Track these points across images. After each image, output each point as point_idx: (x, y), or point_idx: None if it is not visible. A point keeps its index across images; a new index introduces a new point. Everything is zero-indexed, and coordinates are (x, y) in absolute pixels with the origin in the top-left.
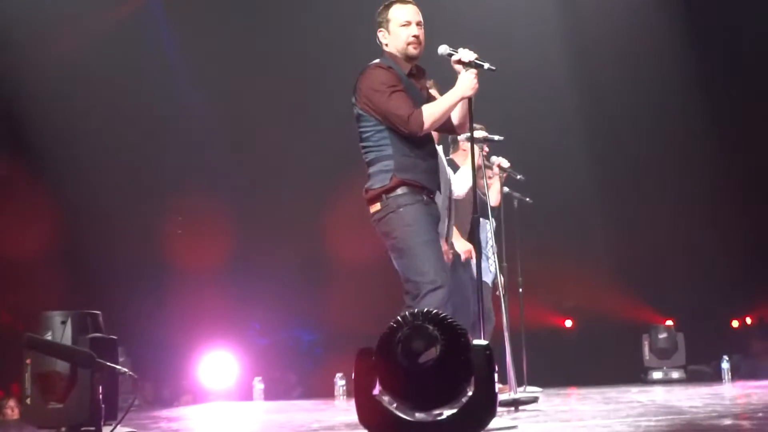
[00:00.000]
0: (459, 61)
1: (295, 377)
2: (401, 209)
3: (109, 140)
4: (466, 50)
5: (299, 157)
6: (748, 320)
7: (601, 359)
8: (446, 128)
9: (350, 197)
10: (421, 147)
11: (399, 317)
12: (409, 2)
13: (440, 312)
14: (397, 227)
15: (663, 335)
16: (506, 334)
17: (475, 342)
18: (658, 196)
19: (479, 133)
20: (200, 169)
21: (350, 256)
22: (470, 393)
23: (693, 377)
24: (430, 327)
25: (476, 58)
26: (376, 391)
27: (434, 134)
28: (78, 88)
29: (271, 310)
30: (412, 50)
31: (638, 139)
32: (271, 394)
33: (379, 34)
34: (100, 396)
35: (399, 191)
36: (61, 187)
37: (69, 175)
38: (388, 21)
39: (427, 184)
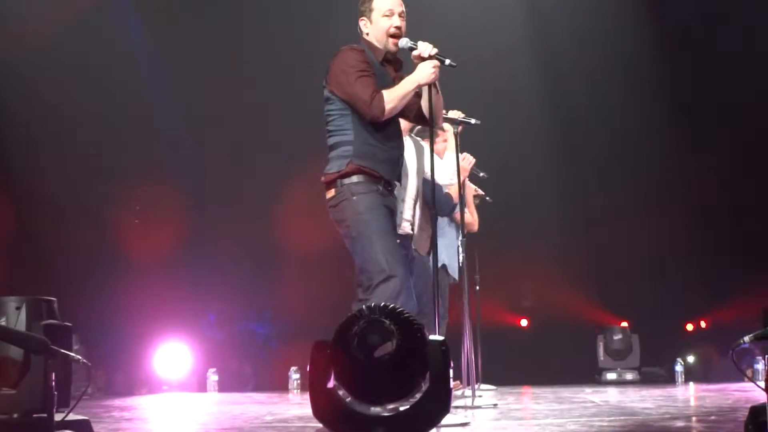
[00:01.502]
0: (419, 57)
1: (250, 370)
2: (355, 197)
3: (66, 124)
4: (427, 44)
5: (254, 146)
6: (703, 324)
7: (555, 359)
8: (419, 118)
9: (305, 187)
10: (384, 136)
11: (356, 310)
12: None
13: (397, 306)
14: (350, 215)
15: (618, 336)
16: (466, 331)
17: (432, 337)
18: (616, 197)
19: (455, 114)
20: (156, 158)
21: (306, 247)
22: (425, 388)
23: (647, 379)
24: (387, 321)
25: (437, 54)
26: (331, 383)
27: (406, 124)
28: (34, 69)
29: (227, 301)
30: (392, 44)
31: (597, 138)
32: (225, 386)
33: (360, 23)
34: (53, 383)
35: (354, 178)
36: (16, 171)
37: (24, 158)
38: (371, 10)
39: (385, 174)
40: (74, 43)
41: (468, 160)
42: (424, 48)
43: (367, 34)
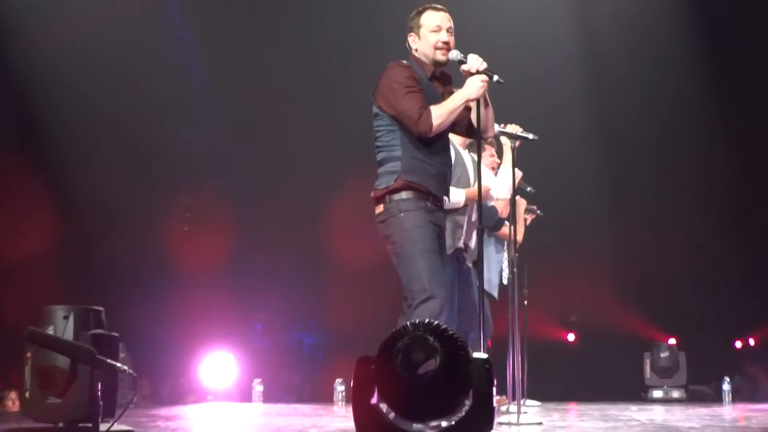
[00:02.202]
0: (468, 71)
1: (296, 380)
2: (402, 214)
3: (114, 135)
4: (477, 57)
5: (306, 157)
6: (751, 341)
7: (602, 375)
8: (469, 131)
9: (355, 200)
10: (432, 152)
11: (400, 327)
12: (441, 9)
13: (441, 324)
14: (396, 232)
15: (665, 354)
16: (511, 347)
17: (475, 355)
18: (666, 215)
19: (513, 128)
20: (206, 167)
21: (355, 259)
22: (468, 406)
23: (693, 397)
24: (431, 338)
25: (485, 69)
26: (375, 399)
27: (458, 138)
28: (86, 81)
29: (274, 311)
30: (440, 56)
31: (649, 156)
32: (270, 397)
33: (410, 39)
34: (99, 392)
35: (403, 194)
36: (66, 182)
37: (74, 169)
38: (419, 26)
39: (433, 189)
40: (126, 48)
41: (515, 174)
42: (473, 62)
43: (416, 50)
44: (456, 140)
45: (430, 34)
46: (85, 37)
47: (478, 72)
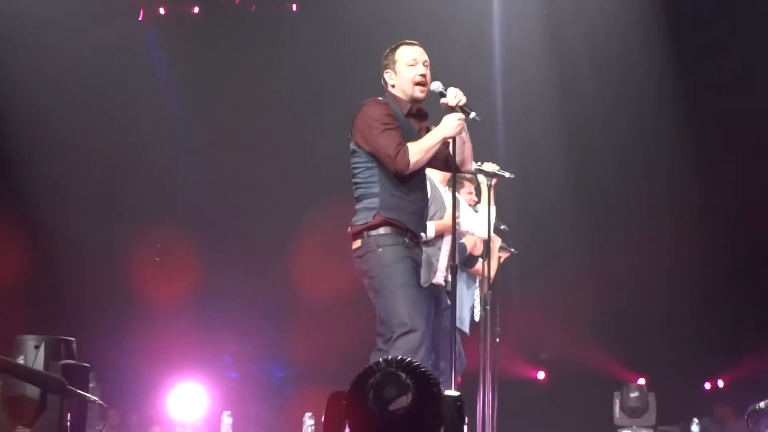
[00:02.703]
0: (447, 105)
1: (265, 413)
2: (380, 249)
3: (84, 166)
4: (457, 91)
5: (278, 189)
6: (720, 383)
7: (572, 413)
8: (446, 165)
9: (327, 233)
10: (410, 188)
11: (373, 363)
12: (415, 43)
13: (414, 360)
14: (374, 267)
15: (634, 394)
16: (481, 384)
17: (447, 392)
18: (637, 256)
19: (490, 167)
20: (177, 199)
21: (325, 292)
22: None
23: None
24: (403, 375)
25: (464, 104)
26: None
27: (438, 174)
28: (56, 112)
29: (244, 343)
30: (418, 92)
31: (621, 198)
32: (239, 429)
33: (386, 75)
34: (68, 422)
35: (381, 230)
36: (36, 212)
37: (44, 200)
38: (395, 62)
39: (411, 226)
40: (96, 80)
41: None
42: (453, 95)
43: (393, 86)
44: (435, 177)
45: (407, 69)
46: (54, 68)
47: (456, 107)
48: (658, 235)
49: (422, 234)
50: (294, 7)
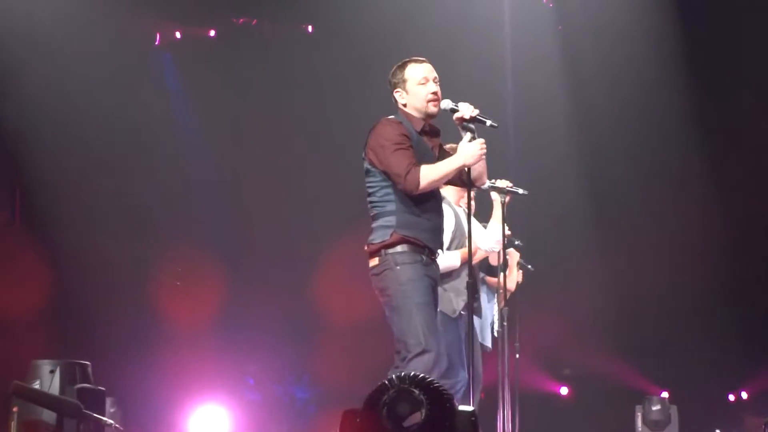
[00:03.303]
0: (461, 119)
1: None
2: (398, 267)
3: (105, 188)
4: (467, 105)
5: (300, 209)
6: (744, 395)
7: (594, 429)
8: (461, 180)
9: (349, 253)
10: (425, 206)
11: (386, 380)
12: (424, 60)
13: (427, 376)
14: (391, 285)
15: (656, 407)
16: (501, 400)
17: (461, 408)
18: (659, 270)
19: (504, 183)
20: (195, 220)
21: (348, 313)
22: None
23: None
24: (416, 391)
25: (478, 114)
26: None
27: (453, 192)
28: (78, 133)
29: (267, 365)
30: (432, 108)
31: (641, 209)
32: None
33: (396, 95)
34: None
35: (398, 248)
36: (55, 235)
37: (64, 223)
38: (404, 81)
39: (428, 243)
40: (119, 101)
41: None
42: (466, 109)
43: (404, 105)
44: (450, 196)
45: (418, 87)
46: (77, 88)
47: (471, 119)
48: (677, 246)
49: (439, 250)
50: (309, 28)
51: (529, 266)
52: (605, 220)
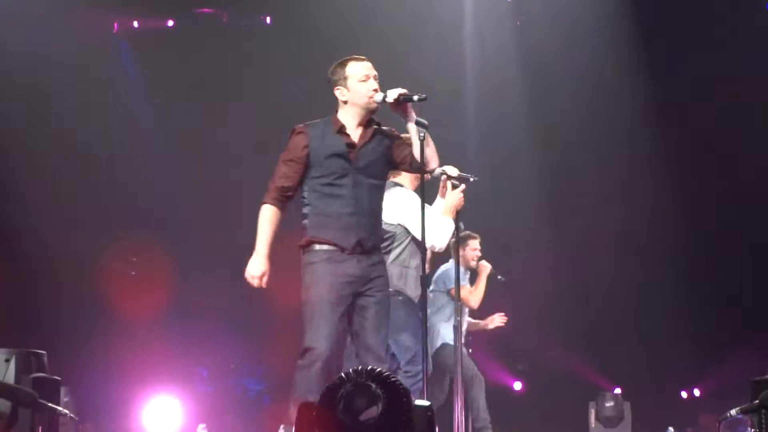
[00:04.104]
0: (392, 105)
1: (240, 426)
2: (308, 266)
3: (59, 176)
4: (395, 90)
5: (252, 201)
6: (696, 392)
7: (549, 424)
8: (414, 168)
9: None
10: (337, 204)
11: (342, 373)
12: (363, 58)
13: (384, 371)
14: (304, 282)
15: (610, 403)
16: (456, 395)
17: (417, 402)
18: (613, 267)
19: (452, 170)
20: (148, 212)
21: (300, 302)
22: None
23: None
24: (373, 385)
25: (405, 94)
26: None
27: (407, 178)
28: (26, 119)
29: (219, 357)
30: (374, 103)
31: (596, 209)
32: None
33: (337, 92)
34: None
35: (311, 248)
36: (5, 221)
37: (14, 208)
38: (345, 78)
39: (339, 242)
40: (70, 87)
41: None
42: (392, 92)
43: (345, 101)
44: (406, 182)
45: (360, 84)
46: (28, 71)
47: (399, 97)
48: (634, 243)
49: (363, 245)
50: (268, 19)
51: (500, 277)
52: (562, 214)
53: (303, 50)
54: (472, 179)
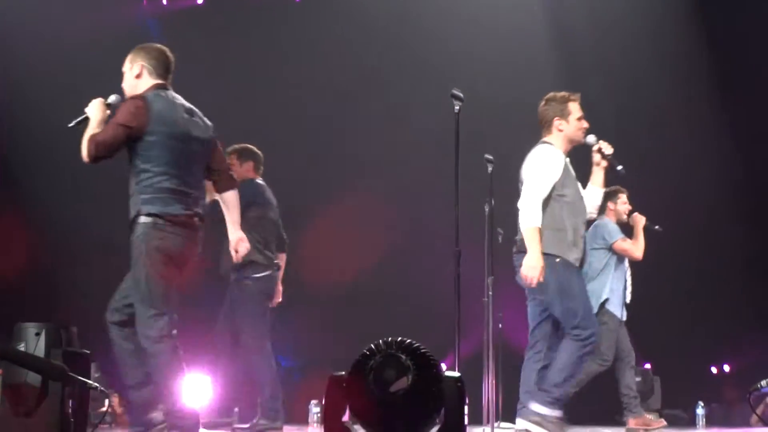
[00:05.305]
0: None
1: None
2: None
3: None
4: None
5: (281, 180)
6: (726, 368)
7: (577, 399)
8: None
9: (328, 221)
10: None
11: (372, 345)
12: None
13: (414, 342)
14: None
15: (639, 378)
16: (486, 369)
17: (447, 373)
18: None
19: (607, 148)
20: None
21: (330, 281)
22: (440, 424)
23: (668, 421)
24: (403, 356)
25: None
26: (346, 417)
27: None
28: (54, 100)
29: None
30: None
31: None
32: (247, 419)
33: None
34: (70, 410)
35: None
36: (42, 201)
37: (44, 187)
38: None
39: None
40: (95, 75)
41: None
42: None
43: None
44: (557, 142)
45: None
46: (53, 61)
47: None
48: (663, 218)
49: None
50: None
51: (657, 227)
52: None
53: (329, 29)
54: (619, 168)
